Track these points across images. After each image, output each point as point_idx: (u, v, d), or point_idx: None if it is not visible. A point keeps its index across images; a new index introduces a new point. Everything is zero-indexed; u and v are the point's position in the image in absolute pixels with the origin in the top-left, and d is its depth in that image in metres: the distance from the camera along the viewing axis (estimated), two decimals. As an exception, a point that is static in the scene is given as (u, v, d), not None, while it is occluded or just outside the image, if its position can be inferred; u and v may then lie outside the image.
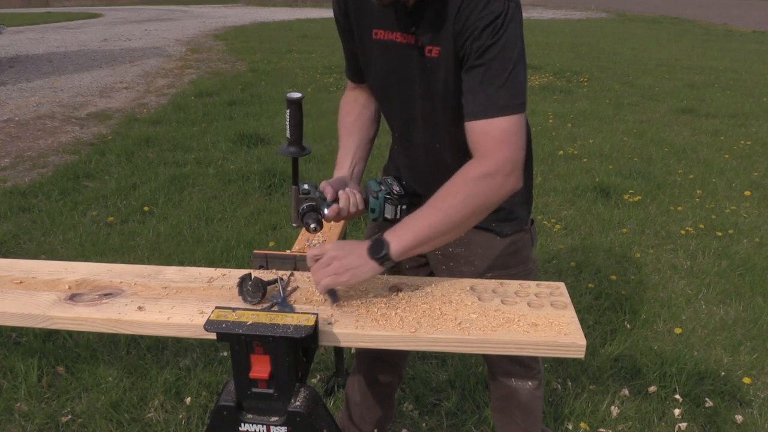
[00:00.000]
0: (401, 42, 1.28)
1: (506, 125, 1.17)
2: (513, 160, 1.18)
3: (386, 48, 1.32)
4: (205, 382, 2.28)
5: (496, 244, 1.49)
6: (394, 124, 1.47)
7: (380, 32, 1.31)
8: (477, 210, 1.19)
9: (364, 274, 1.19)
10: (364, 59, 1.40)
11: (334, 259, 1.19)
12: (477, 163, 1.19)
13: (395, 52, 1.31)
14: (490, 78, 1.16)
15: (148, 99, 7.61)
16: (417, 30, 1.25)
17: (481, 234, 1.49)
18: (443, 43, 1.22)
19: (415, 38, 1.26)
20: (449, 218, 1.18)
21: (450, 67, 1.24)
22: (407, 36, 1.27)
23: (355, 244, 1.22)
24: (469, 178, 1.18)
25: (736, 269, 3.27)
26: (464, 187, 1.18)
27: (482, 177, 1.17)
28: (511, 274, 1.50)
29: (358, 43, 1.38)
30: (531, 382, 1.62)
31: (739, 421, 2.16)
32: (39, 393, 2.23)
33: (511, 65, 1.16)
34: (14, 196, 4.10)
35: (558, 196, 4.30)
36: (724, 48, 13.99)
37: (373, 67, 1.38)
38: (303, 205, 1.33)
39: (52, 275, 1.38)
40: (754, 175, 4.84)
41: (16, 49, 12.22)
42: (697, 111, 7.20)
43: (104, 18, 22.56)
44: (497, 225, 1.48)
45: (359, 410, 1.85)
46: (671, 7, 28.81)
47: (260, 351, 1.06)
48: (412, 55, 1.28)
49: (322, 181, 1.38)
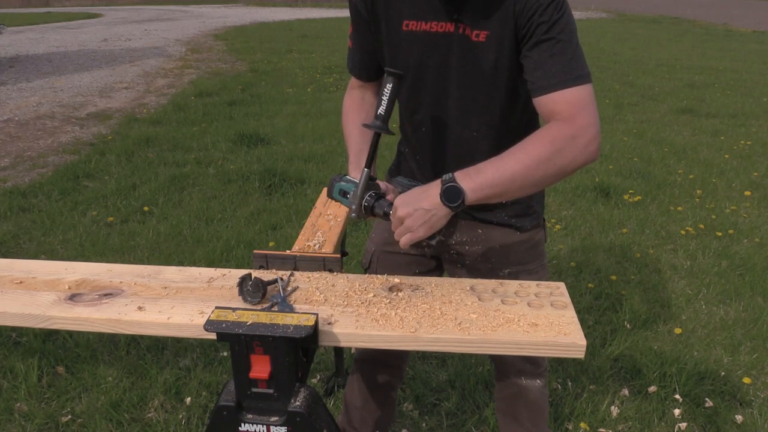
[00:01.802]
0: (437, 31, 1.27)
1: (584, 93, 1.18)
2: (596, 126, 1.18)
3: (418, 39, 1.30)
4: (205, 382, 2.28)
5: (515, 239, 1.50)
6: (418, 119, 1.42)
7: (411, 23, 1.29)
8: (559, 171, 1.17)
9: (438, 223, 1.20)
10: (392, 53, 1.36)
11: (406, 218, 1.20)
12: (563, 125, 1.17)
13: (430, 42, 1.29)
14: (561, 50, 1.18)
15: (148, 99, 7.61)
16: (460, 16, 1.24)
17: (499, 230, 1.49)
18: (493, 26, 1.23)
19: (455, 25, 1.25)
20: (530, 173, 1.16)
21: (502, 48, 1.24)
22: (445, 24, 1.26)
23: (422, 194, 1.21)
24: (557, 137, 1.16)
25: (736, 269, 3.27)
26: (551, 145, 1.16)
27: (570, 138, 1.16)
28: (529, 269, 1.51)
29: (386, 37, 1.35)
30: (539, 380, 1.63)
31: (739, 421, 2.16)
32: (39, 393, 2.23)
33: (575, 38, 1.20)
34: (14, 196, 4.10)
35: (558, 196, 4.30)
36: (724, 48, 13.99)
37: (403, 60, 1.34)
38: (369, 192, 1.31)
39: (52, 275, 1.38)
40: (754, 175, 4.84)
41: (16, 49, 12.22)
42: (697, 111, 7.20)
43: (104, 18, 22.57)
44: (517, 220, 1.49)
45: (360, 414, 1.84)
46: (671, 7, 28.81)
47: (260, 351, 1.06)
48: (450, 43, 1.28)
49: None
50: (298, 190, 4.35)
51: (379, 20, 1.35)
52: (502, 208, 1.48)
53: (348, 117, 1.52)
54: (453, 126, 1.38)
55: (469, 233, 1.51)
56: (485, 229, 1.50)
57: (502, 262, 1.51)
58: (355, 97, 1.54)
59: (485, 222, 1.49)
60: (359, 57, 1.47)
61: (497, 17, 1.22)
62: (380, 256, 1.61)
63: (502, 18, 1.22)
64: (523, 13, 1.19)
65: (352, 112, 1.51)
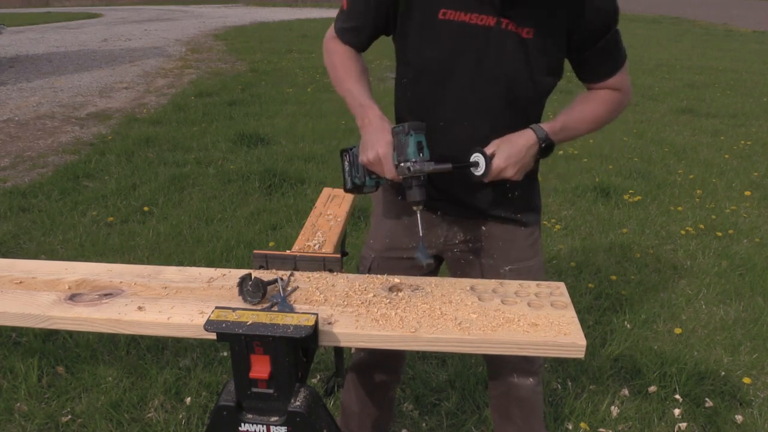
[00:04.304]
0: (476, 24, 1.27)
1: (626, 68, 1.43)
2: (631, 91, 1.49)
3: (453, 29, 1.28)
4: (205, 382, 2.28)
5: (518, 235, 1.51)
6: (438, 112, 1.38)
7: (449, 12, 1.28)
8: (605, 124, 1.48)
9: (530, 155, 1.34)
10: (421, 42, 1.33)
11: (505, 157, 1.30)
12: (615, 94, 1.43)
13: (465, 34, 1.28)
14: (616, 41, 1.36)
15: (148, 99, 7.60)
16: (512, 13, 1.25)
17: (502, 227, 1.50)
18: (543, 24, 1.27)
19: (498, 20, 1.26)
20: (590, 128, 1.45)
21: (548, 44, 1.30)
22: (486, 18, 1.26)
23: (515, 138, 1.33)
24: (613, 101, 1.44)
25: (736, 269, 3.27)
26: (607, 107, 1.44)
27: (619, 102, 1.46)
28: (529, 266, 1.52)
29: (418, 24, 1.31)
30: (532, 378, 1.62)
31: (739, 421, 2.16)
32: (39, 393, 2.23)
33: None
34: (14, 196, 4.10)
35: (558, 196, 4.30)
36: (724, 48, 13.99)
37: (432, 50, 1.32)
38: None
39: (52, 275, 1.38)
40: (754, 175, 4.84)
41: (16, 49, 12.21)
42: (697, 111, 7.20)
43: (104, 18, 22.56)
44: (523, 215, 1.50)
45: (358, 419, 1.82)
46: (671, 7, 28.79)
47: (260, 351, 1.06)
48: (488, 38, 1.28)
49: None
50: (298, 190, 4.35)
51: (412, 5, 1.31)
52: (509, 203, 1.48)
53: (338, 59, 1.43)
54: (475, 121, 1.37)
55: (473, 231, 1.52)
56: (489, 226, 1.51)
57: (504, 259, 1.51)
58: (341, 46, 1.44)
59: (491, 218, 1.50)
60: (364, 32, 1.41)
61: (550, 15, 1.26)
62: (381, 262, 1.58)
63: (556, 17, 1.26)
64: (584, 14, 1.28)
65: (345, 59, 1.42)
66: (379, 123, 1.31)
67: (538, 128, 1.34)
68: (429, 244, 1.54)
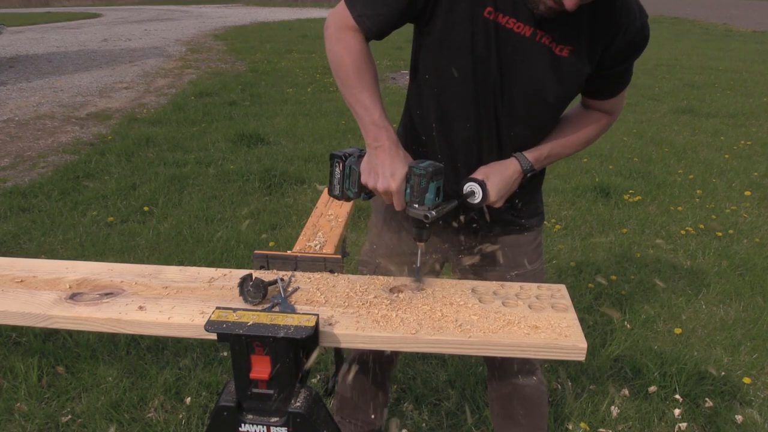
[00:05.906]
0: (512, 29, 1.25)
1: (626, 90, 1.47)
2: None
3: (491, 30, 1.26)
4: (205, 382, 2.28)
5: (523, 241, 1.53)
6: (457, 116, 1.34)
7: (491, 11, 1.25)
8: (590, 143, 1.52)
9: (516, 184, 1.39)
10: (459, 35, 1.26)
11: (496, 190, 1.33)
12: (609, 117, 1.49)
13: (499, 37, 1.26)
14: (629, 66, 1.40)
15: (148, 99, 7.60)
16: (549, 27, 1.25)
17: (508, 235, 1.52)
18: (579, 44, 1.28)
19: (534, 31, 1.25)
20: (575, 150, 1.49)
21: (579, 65, 1.30)
22: (522, 26, 1.25)
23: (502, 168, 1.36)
24: (603, 125, 1.49)
25: (736, 269, 3.27)
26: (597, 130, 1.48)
27: (609, 125, 1.51)
28: (534, 270, 1.54)
29: (461, 14, 1.25)
30: (535, 376, 1.62)
31: (739, 421, 2.16)
32: (39, 393, 2.23)
33: None
34: (14, 196, 4.10)
35: (558, 196, 4.30)
36: (724, 48, 13.99)
37: (466, 45, 1.27)
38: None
39: (53, 274, 1.38)
40: (754, 175, 4.84)
41: (16, 49, 12.21)
42: (697, 111, 7.20)
43: (104, 18, 22.55)
44: (527, 220, 1.53)
45: (352, 404, 1.80)
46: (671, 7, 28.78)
47: (261, 351, 1.06)
48: (524, 47, 1.27)
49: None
50: (298, 190, 4.35)
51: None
52: (515, 212, 1.50)
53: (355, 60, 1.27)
54: (493, 127, 1.36)
55: (479, 239, 1.53)
56: (494, 233, 1.52)
57: (510, 265, 1.53)
58: (362, 44, 1.29)
59: (496, 225, 1.50)
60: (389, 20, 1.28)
61: (584, 38, 1.26)
62: (384, 269, 1.57)
63: (591, 41, 1.26)
64: (616, 42, 1.29)
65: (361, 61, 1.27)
66: (394, 150, 1.24)
67: (522, 158, 1.37)
68: (434, 249, 1.56)
